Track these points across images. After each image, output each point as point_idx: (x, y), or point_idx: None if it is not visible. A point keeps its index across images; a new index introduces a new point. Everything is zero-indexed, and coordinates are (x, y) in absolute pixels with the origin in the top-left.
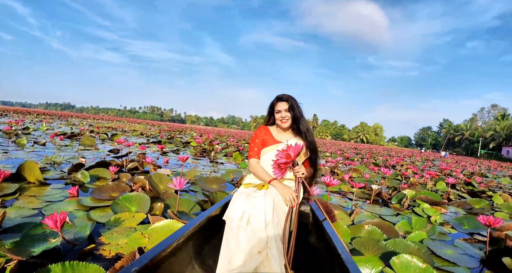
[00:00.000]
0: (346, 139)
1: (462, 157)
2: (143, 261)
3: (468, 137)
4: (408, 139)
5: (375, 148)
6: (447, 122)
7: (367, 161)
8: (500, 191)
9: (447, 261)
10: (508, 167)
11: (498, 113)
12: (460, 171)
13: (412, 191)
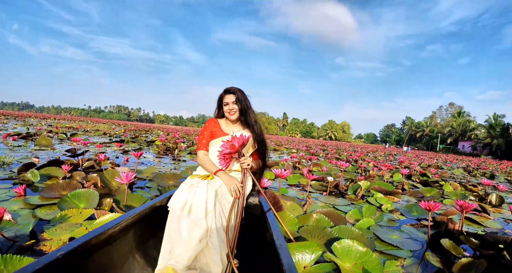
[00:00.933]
0: (315, 137)
1: (423, 152)
2: (72, 246)
3: (428, 133)
4: (374, 136)
5: (342, 145)
6: (409, 119)
7: (330, 156)
8: (452, 180)
9: (391, 245)
10: (462, 159)
11: (454, 111)
12: (418, 164)
13: (367, 182)
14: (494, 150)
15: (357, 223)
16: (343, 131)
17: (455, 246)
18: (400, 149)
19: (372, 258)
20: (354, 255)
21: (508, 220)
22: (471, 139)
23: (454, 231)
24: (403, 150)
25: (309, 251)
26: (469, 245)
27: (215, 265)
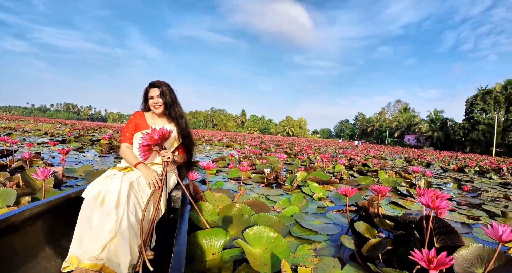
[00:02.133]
0: (273, 133)
1: (373, 145)
2: None
3: (378, 127)
4: (329, 131)
5: (298, 140)
6: (361, 115)
7: (280, 150)
8: (391, 169)
9: (310, 230)
10: (407, 151)
11: (401, 107)
12: (363, 155)
13: (304, 173)
14: (435, 142)
15: (282, 211)
16: (300, 127)
17: (369, 228)
18: (352, 143)
19: (282, 243)
20: (265, 240)
21: None
22: (415, 132)
23: (372, 215)
24: (354, 144)
25: (217, 238)
26: (383, 227)
27: (124, 256)
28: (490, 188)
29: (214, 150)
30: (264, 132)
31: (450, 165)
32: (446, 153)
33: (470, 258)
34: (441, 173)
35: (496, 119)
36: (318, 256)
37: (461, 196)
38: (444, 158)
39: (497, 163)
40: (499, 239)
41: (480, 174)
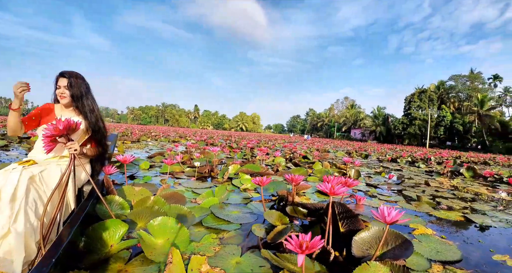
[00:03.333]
0: (227, 128)
1: (322, 139)
2: None
3: (327, 122)
4: (282, 126)
5: (249, 135)
6: (312, 111)
7: (225, 145)
8: (330, 161)
9: (224, 220)
10: (352, 144)
11: (348, 104)
12: (307, 149)
13: (237, 165)
14: (378, 136)
15: (202, 203)
16: (253, 122)
17: (281, 216)
18: (302, 137)
19: (184, 232)
20: (169, 231)
21: (355, 190)
22: (361, 127)
23: (288, 203)
24: (304, 138)
25: (116, 229)
26: (296, 215)
27: (18, 253)
28: (414, 176)
29: (158, 146)
30: (218, 128)
31: (386, 156)
32: (386, 146)
33: (369, 240)
34: (376, 163)
35: (430, 115)
36: (222, 244)
37: (386, 183)
38: (382, 150)
39: (427, 153)
40: (385, 221)
41: (410, 163)
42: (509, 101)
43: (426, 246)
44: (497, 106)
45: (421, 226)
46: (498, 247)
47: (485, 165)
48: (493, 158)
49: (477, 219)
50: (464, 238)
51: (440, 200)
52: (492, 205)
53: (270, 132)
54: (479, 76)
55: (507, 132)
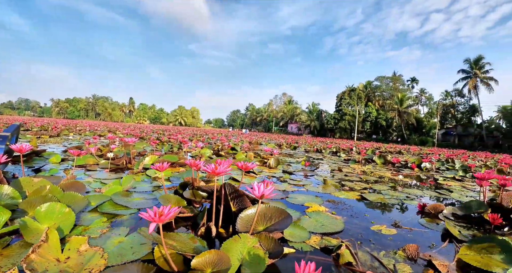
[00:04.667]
0: (165, 123)
1: (261, 133)
2: None
3: (266, 117)
4: (222, 121)
5: (186, 130)
6: (251, 106)
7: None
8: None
9: (122, 206)
10: (287, 137)
11: (286, 99)
12: (238, 141)
13: (155, 156)
14: (312, 130)
15: (105, 191)
16: (192, 117)
17: (179, 200)
18: (240, 131)
19: (71, 217)
20: (57, 216)
21: (270, 176)
22: (297, 122)
23: (189, 188)
24: (242, 132)
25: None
26: (196, 198)
27: None
28: (332, 163)
29: (80, 140)
30: (155, 122)
31: (314, 147)
32: (318, 139)
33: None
34: (302, 153)
35: (358, 111)
36: (112, 227)
37: (302, 170)
38: (313, 142)
39: (353, 145)
40: (256, 196)
41: (333, 153)
42: (424, 101)
43: (313, 221)
44: (414, 105)
45: (316, 205)
46: (380, 219)
47: (399, 154)
48: (408, 149)
49: (370, 197)
50: (353, 213)
51: (346, 183)
52: (389, 186)
53: (210, 127)
54: (400, 78)
55: (421, 127)
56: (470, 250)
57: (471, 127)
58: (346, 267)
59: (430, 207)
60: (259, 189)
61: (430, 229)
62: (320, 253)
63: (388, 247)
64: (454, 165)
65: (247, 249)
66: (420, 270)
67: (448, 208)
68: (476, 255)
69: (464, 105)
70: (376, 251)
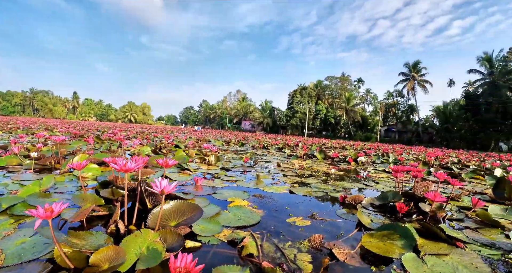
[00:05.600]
0: (113, 119)
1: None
2: None
3: (220, 114)
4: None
5: (136, 127)
6: (205, 102)
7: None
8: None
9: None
10: (240, 134)
11: (240, 97)
12: (185, 138)
13: (85, 155)
14: (265, 127)
15: (20, 193)
16: (143, 113)
17: (96, 199)
18: (193, 128)
19: None
20: None
21: (205, 173)
22: (251, 119)
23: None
24: (194, 129)
25: None
26: (115, 196)
27: None
28: (274, 159)
29: (8, 139)
30: (102, 119)
31: (261, 144)
32: (270, 135)
33: (168, 212)
34: (249, 150)
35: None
36: (19, 228)
37: (241, 166)
38: (262, 139)
39: (301, 141)
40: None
41: (278, 150)
42: (369, 100)
43: (232, 215)
44: (360, 103)
45: (240, 200)
46: (300, 211)
47: (343, 149)
48: (352, 144)
49: (299, 191)
50: (275, 206)
51: (279, 177)
52: (321, 179)
53: (162, 124)
54: (348, 78)
55: (366, 124)
56: (373, 238)
57: (409, 125)
58: (247, 258)
59: (350, 198)
60: (160, 185)
61: (345, 219)
62: (227, 246)
63: (297, 238)
64: (389, 158)
65: (147, 244)
66: (320, 258)
67: (367, 199)
68: (379, 242)
69: (404, 105)
70: (283, 242)
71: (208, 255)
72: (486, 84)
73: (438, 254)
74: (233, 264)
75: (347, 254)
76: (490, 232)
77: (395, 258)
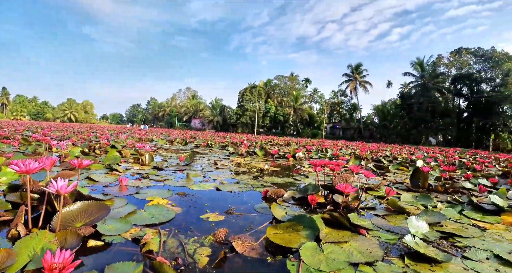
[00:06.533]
0: (50, 118)
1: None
2: None
3: (169, 112)
4: (121, 116)
5: (74, 126)
6: (153, 100)
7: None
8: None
9: None
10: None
11: (190, 94)
12: (126, 138)
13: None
14: (215, 125)
15: None
16: (85, 112)
17: (2, 203)
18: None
19: None
20: None
21: (134, 173)
22: (201, 117)
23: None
24: (140, 128)
25: None
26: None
27: None
28: (214, 157)
29: None
30: (37, 118)
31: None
32: (220, 134)
33: (75, 214)
34: (191, 148)
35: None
36: None
37: (177, 165)
38: (209, 137)
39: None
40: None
41: (222, 148)
42: (316, 99)
43: (146, 214)
44: (308, 102)
45: (160, 198)
46: (218, 207)
47: (288, 146)
48: (298, 141)
49: (226, 188)
50: (195, 203)
51: (211, 175)
52: (253, 176)
53: (106, 123)
54: (297, 78)
55: (313, 122)
56: (278, 229)
57: (352, 122)
58: (146, 254)
59: (271, 192)
60: (57, 185)
61: (262, 213)
62: (132, 243)
63: (204, 233)
64: (327, 153)
65: (41, 245)
66: (220, 251)
67: (288, 193)
68: (285, 233)
69: (347, 104)
70: (189, 237)
71: (110, 253)
72: (418, 86)
73: (338, 241)
74: (131, 261)
75: (248, 246)
76: (396, 218)
77: (296, 248)
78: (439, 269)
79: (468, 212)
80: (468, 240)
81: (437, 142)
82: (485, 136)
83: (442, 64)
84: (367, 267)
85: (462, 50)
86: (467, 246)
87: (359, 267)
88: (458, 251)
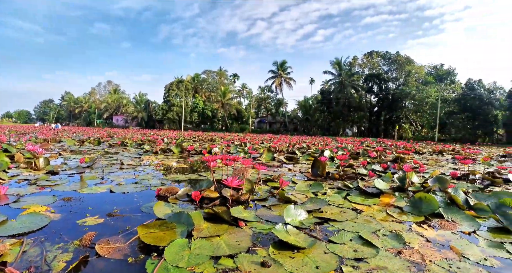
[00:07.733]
0: None
1: (80, 127)
2: None
3: (87, 108)
4: (28, 113)
5: None
6: (69, 94)
7: None
8: None
9: None
10: (108, 131)
11: (112, 88)
12: (25, 140)
13: None
14: (140, 122)
15: None
16: None
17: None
18: (49, 127)
19: None
20: None
21: (21, 180)
22: (123, 113)
23: None
24: (51, 127)
25: None
26: None
27: None
28: (125, 157)
29: None
30: None
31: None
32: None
33: None
34: (102, 149)
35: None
36: None
37: (77, 168)
38: (130, 135)
39: (172, 136)
40: None
41: (138, 146)
42: (245, 94)
43: (17, 223)
44: (236, 97)
45: (38, 206)
46: (103, 210)
47: (211, 141)
48: (223, 136)
49: (120, 189)
50: (79, 208)
51: (111, 176)
52: (156, 174)
53: (10, 122)
54: (225, 73)
55: (242, 117)
56: (151, 228)
57: (278, 116)
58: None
59: (164, 190)
60: None
61: (147, 213)
62: None
63: (74, 238)
64: (245, 147)
65: None
66: (79, 256)
67: (183, 189)
68: (159, 231)
69: (273, 99)
70: (55, 244)
71: None
72: (337, 83)
73: (210, 236)
74: None
75: (113, 248)
76: (282, 208)
77: (164, 246)
78: (300, 255)
79: (352, 197)
80: (341, 223)
81: (352, 133)
82: (391, 127)
83: (357, 65)
84: (228, 260)
85: (373, 53)
86: (340, 230)
87: (220, 260)
88: (327, 235)
